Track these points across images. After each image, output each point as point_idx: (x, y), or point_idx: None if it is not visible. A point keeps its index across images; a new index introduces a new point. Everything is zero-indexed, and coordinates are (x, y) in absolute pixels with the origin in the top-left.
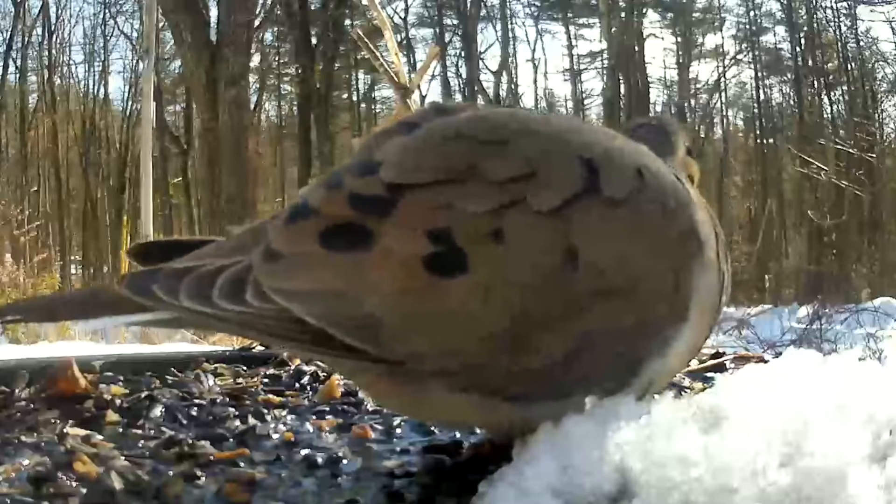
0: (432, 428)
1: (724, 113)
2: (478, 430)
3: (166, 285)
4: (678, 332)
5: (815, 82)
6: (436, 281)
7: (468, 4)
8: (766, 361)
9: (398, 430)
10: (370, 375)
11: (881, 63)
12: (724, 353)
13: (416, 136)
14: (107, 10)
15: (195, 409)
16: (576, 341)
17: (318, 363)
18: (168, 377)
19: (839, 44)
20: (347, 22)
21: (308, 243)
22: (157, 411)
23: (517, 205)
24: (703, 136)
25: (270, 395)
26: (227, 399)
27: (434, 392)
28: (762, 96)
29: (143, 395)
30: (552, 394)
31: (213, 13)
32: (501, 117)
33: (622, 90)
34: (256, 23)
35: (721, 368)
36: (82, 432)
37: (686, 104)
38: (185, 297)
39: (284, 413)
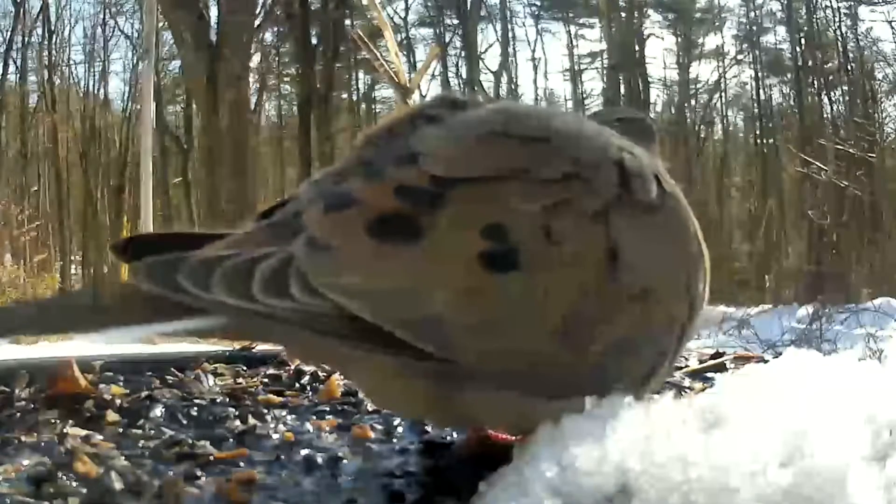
0: (430, 427)
1: (724, 113)
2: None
3: (195, 276)
4: (690, 326)
5: (815, 82)
6: (492, 278)
7: (468, 4)
8: (766, 361)
9: (398, 430)
10: (407, 379)
11: (881, 63)
12: (724, 353)
13: (454, 130)
14: (107, 10)
15: (195, 409)
16: (616, 338)
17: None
18: (168, 377)
19: (839, 44)
20: (347, 22)
21: (356, 234)
22: (157, 411)
23: (565, 205)
24: (703, 136)
25: (270, 395)
26: (227, 399)
27: (479, 393)
28: (762, 96)
29: (143, 395)
30: (593, 390)
31: (214, 13)
32: (533, 113)
33: (622, 90)
34: (256, 23)
35: (721, 368)
36: (82, 432)
37: (686, 104)
38: (221, 291)
39: (284, 413)
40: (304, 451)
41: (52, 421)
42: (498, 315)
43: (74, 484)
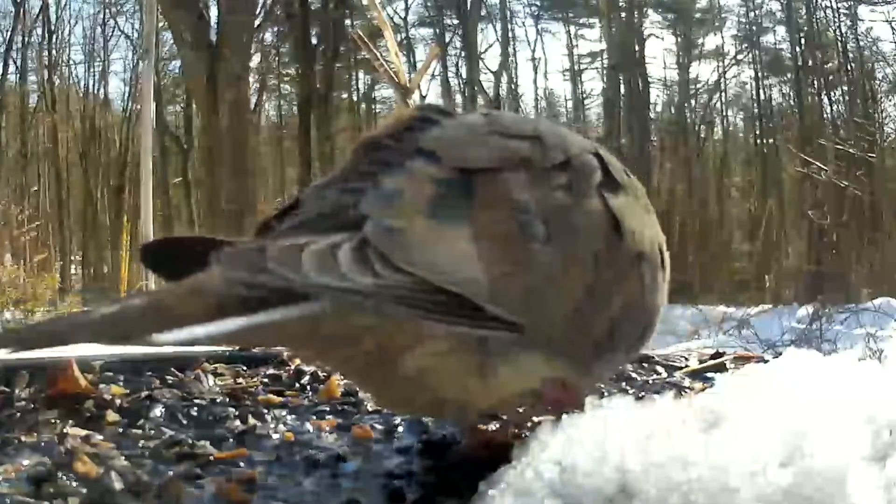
0: (429, 428)
1: (724, 113)
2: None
3: (286, 262)
4: (665, 290)
5: (815, 82)
6: (538, 249)
7: (468, 4)
8: (766, 361)
9: (398, 430)
10: (462, 354)
11: (881, 63)
12: (724, 353)
13: (456, 131)
14: (107, 10)
15: (195, 409)
16: (622, 302)
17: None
18: (168, 377)
19: (839, 44)
20: (347, 22)
21: (419, 219)
22: (157, 411)
23: (569, 186)
24: (703, 136)
25: (270, 395)
26: (227, 399)
27: (527, 360)
28: (762, 96)
29: (143, 395)
30: (604, 354)
31: (214, 13)
32: (517, 118)
33: (622, 90)
34: (256, 23)
35: (721, 368)
36: (82, 432)
37: (686, 104)
38: (315, 273)
39: (284, 413)
40: (304, 452)
41: (52, 421)
42: (543, 283)
43: (74, 484)
